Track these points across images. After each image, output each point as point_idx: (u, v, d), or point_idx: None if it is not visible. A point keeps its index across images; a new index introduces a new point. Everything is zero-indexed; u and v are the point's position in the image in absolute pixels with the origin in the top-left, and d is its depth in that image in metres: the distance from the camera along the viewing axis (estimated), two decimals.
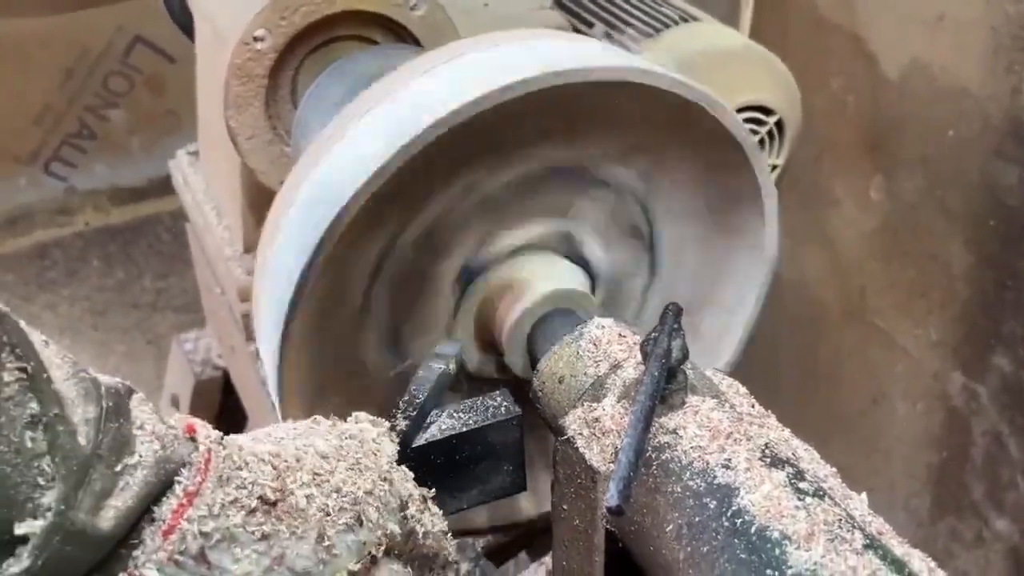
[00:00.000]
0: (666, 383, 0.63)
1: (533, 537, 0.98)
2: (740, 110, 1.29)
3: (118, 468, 0.57)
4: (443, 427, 0.75)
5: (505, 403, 0.77)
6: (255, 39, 1.06)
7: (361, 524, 0.64)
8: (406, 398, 0.76)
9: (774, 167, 1.35)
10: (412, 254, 0.86)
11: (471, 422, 0.76)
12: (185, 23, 1.36)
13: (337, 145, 0.80)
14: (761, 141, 1.32)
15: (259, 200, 1.21)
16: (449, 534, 0.74)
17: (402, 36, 1.13)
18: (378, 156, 0.74)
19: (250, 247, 1.27)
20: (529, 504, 0.95)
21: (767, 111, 1.32)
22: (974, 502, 1.64)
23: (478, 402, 0.77)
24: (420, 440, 0.74)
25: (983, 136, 1.50)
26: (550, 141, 0.85)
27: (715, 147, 0.88)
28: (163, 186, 1.48)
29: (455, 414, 0.76)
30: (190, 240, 1.58)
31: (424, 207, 0.83)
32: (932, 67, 1.55)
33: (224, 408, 1.68)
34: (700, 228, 0.96)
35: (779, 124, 1.33)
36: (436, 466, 0.75)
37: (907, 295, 1.68)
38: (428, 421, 0.76)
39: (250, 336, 1.25)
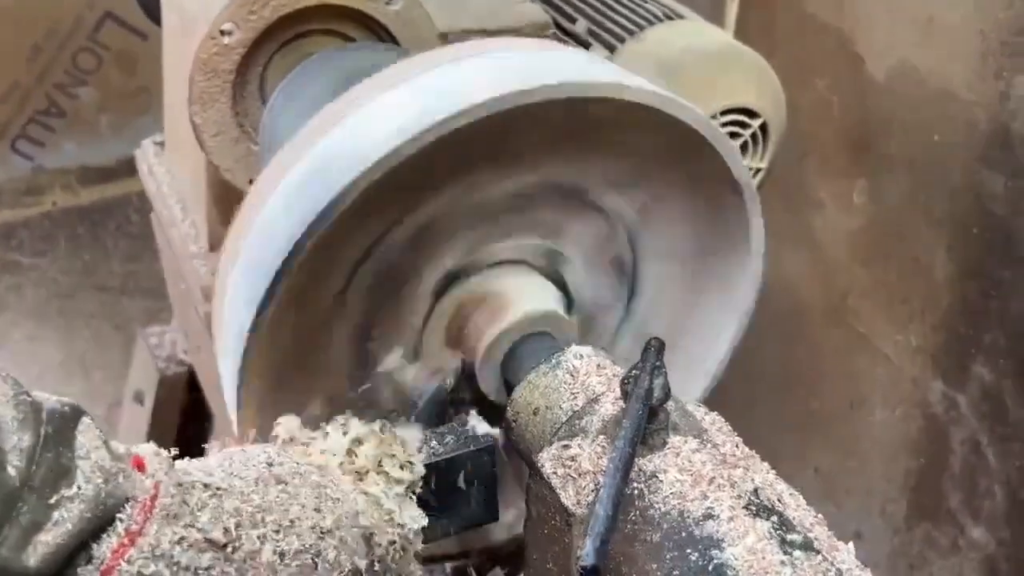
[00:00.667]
0: (647, 422, 0.60)
1: (504, 559, 0.95)
2: (724, 112, 1.26)
3: (52, 500, 0.53)
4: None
5: (478, 431, 0.74)
6: (222, 33, 1.01)
7: (316, 567, 0.61)
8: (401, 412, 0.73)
9: (757, 171, 1.32)
10: (400, 252, 0.82)
11: (442, 451, 0.72)
12: (151, 7, 1.31)
13: (335, 131, 0.76)
14: (744, 144, 1.29)
15: (225, 198, 1.17)
16: (418, 562, 0.71)
17: (376, 32, 1.09)
18: (381, 147, 0.70)
19: (215, 245, 1.22)
20: (500, 528, 0.92)
21: (751, 114, 1.28)
22: (951, 510, 1.63)
23: (450, 428, 0.74)
24: None
25: (969, 142, 1.47)
26: (551, 156, 0.81)
27: (714, 186, 0.85)
28: (133, 166, 1.44)
29: (427, 441, 0.73)
30: (155, 230, 1.53)
31: (419, 205, 0.79)
32: (920, 69, 1.52)
33: (189, 405, 1.64)
34: (683, 266, 0.93)
35: (763, 127, 1.30)
36: None
37: (889, 300, 1.66)
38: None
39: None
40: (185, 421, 1.65)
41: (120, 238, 2.85)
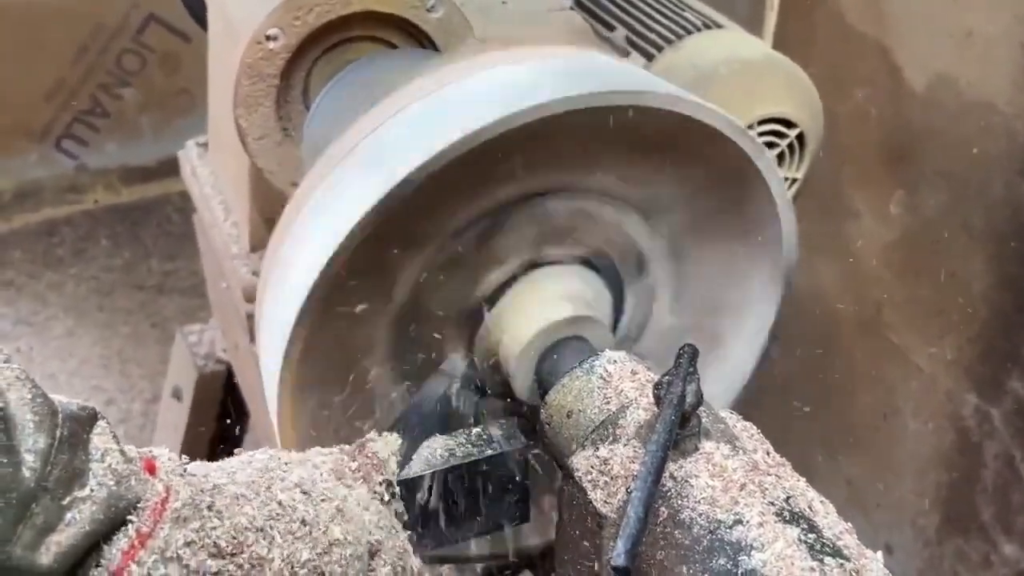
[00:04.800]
0: (679, 428, 0.61)
1: (535, 560, 0.96)
2: (760, 122, 1.26)
3: (65, 502, 0.54)
4: (447, 456, 0.73)
5: (511, 433, 0.75)
6: (267, 38, 1.03)
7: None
8: (403, 418, 0.74)
9: (793, 181, 1.32)
10: (406, 322, 0.84)
11: (476, 452, 0.73)
12: (197, 10, 1.34)
13: (351, 158, 0.78)
14: (781, 154, 1.29)
15: (267, 200, 1.18)
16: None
17: (418, 38, 1.10)
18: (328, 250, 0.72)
19: (257, 246, 1.24)
20: (532, 531, 0.93)
21: (788, 124, 1.28)
22: (983, 525, 1.62)
23: (484, 431, 0.75)
24: (423, 469, 0.72)
25: (1008, 155, 1.47)
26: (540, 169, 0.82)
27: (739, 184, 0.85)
28: (174, 166, 1.47)
29: (460, 443, 0.74)
30: (197, 231, 1.56)
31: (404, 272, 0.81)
32: (959, 82, 1.52)
33: (227, 402, 1.66)
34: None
35: (800, 137, 1.30)
36: (438, 495, 0.73)
37: (924, 312, 1.65)
38: (432, 448, 0.74)
39: (255, 337, 1.23)
40: (222, 417, 1.68)
41: (159, 237, 2.89)
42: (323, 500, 0.65)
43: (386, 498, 0.71)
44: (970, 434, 1.61)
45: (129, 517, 0.57)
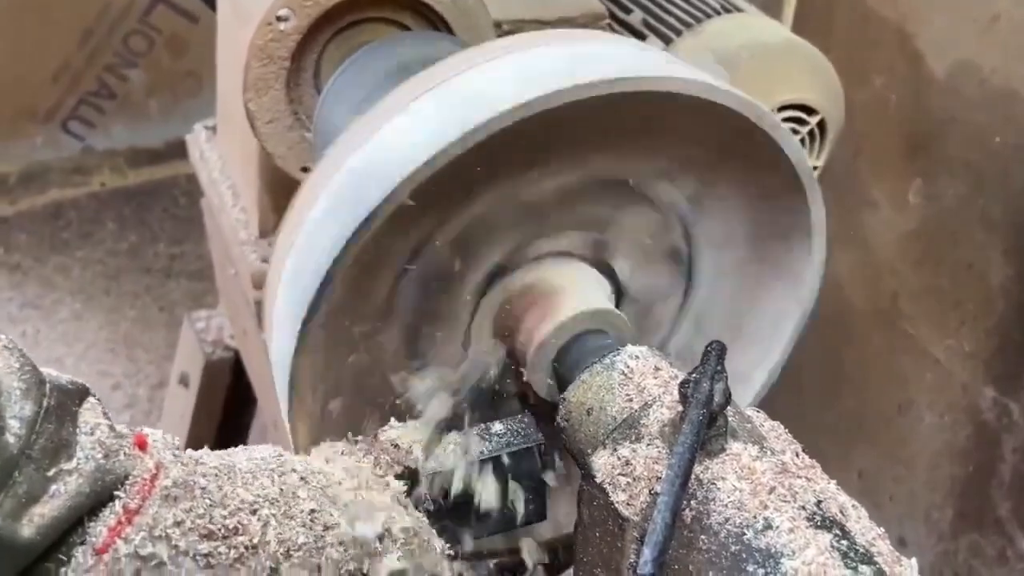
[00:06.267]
0: (706, 428, 0.58)
1: (549, 554, 0.94)
2: (781, 108, 1.24)
3: (50, 473, 0.53)
4: (461, 453, 0.71)
5: (527, 429, 0.73)
6: (278, 19, 1.00)
7: (319, 566, 0.60)
8: (434, 407, 0.72)
9: (813, 169, 1.29)
10: (444, 255, 0.81)
11: (490, 449, 0.71)
12: None
13: (375, 136, 0.75)
14: (802, 141, 1.27)
15: (276, 185, 1.17)
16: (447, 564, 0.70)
17: (432, 21, 1.08)
18: (420, 153, 0.69)
19: (266, 232, 1.22)
20: (546, 526, 0.91)
21: (809, 110, 1.26)
22: (999, 519, 1.60)
23: (499, 427, 0.73)
24: (436, 467, 0.70)
25: None
26: (599, 151, 0.79)
27: (770, 174, 0.83)
28: (181, 149, 1.45)
29: (474, 439, 0.72)
30: (205, 216, 1.54)
31: (462, 209, 0.78)
32: (982, 69, 1.48)
33: (234, 389, 1.65)
34: (741, 255, 0.91)
35: (821, 124, 1.28)
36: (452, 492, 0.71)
37: (940, 304, 1.63)
38: (445, 445, 0.72)
39: (263, 323, 1.21)
40: (229, 405, 1.67)
41: (166, 220, 2.87)
42: (325, 486, 0.63)
43: (405, 485, 0.69)
44: (988, 427, 1.59)
45: (116, 493, 0.55)
